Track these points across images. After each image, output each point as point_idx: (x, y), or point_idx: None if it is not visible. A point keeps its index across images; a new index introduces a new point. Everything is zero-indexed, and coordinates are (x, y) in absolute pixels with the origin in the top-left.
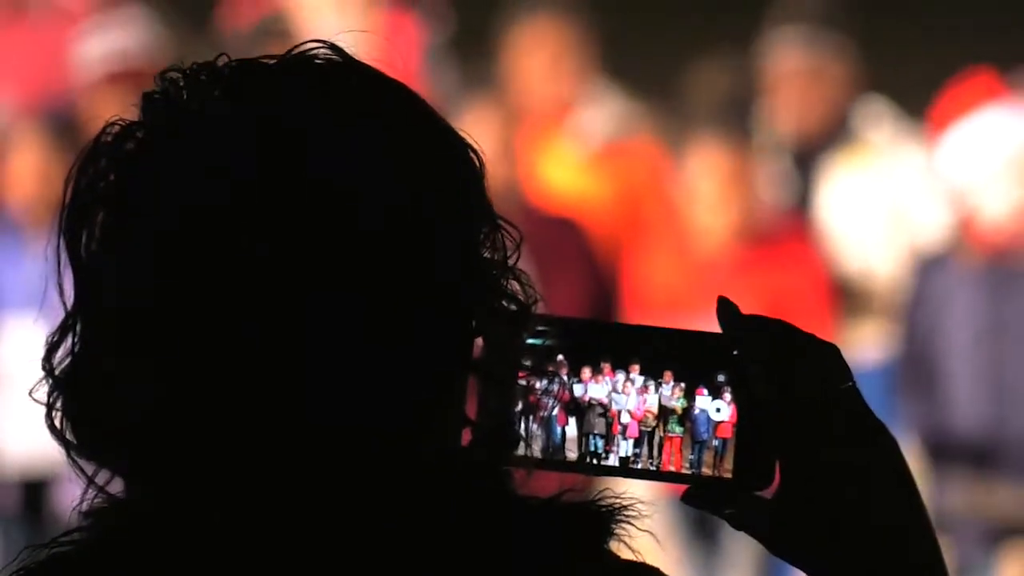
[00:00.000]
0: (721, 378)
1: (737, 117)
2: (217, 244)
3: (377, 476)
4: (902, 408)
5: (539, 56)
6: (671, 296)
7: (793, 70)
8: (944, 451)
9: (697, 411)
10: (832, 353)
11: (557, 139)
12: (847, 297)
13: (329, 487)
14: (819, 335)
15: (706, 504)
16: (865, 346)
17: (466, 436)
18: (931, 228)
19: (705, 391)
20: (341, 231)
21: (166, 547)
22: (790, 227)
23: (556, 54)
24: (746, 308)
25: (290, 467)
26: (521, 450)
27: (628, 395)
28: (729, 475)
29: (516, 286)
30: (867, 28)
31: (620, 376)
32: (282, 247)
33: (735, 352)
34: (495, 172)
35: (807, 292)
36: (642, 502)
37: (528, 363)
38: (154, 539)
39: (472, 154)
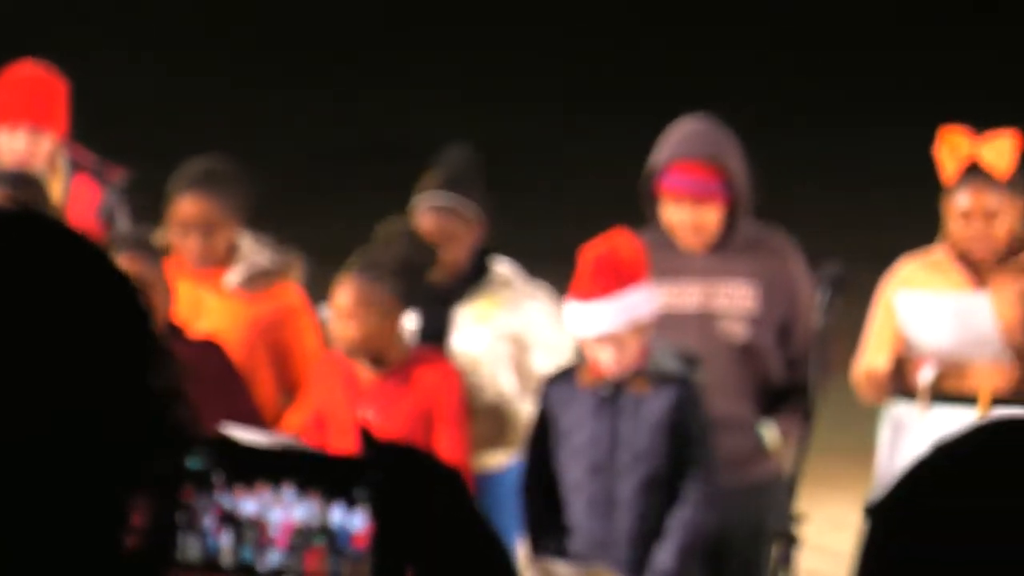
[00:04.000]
0: (359, 495)
1: (382, 264)
2: None
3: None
4: (524, 515)
5: (193, 223)
6: (332, 420)
7: (431, 222)
8: (558, 551)
9: (338, 524)
10: (452, 475)
11: (211, 286)
12: (483, 421)
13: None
14: (455, 455)
15: None
16: (500, 457)
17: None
18: (553, 360)
19: (345, 506)
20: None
21: None
22: (432, 357)
23: (208, 224)
24: (389, 432)
25: None
26: (181, 557)
27: (278, 510)
28: None
29: (182, 411)
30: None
31: (271, 493)
32: None
33: (371, 473)
34: None
35: (448, 417)
36: None
37: (189, 480)
38: None
39: (141, 297)
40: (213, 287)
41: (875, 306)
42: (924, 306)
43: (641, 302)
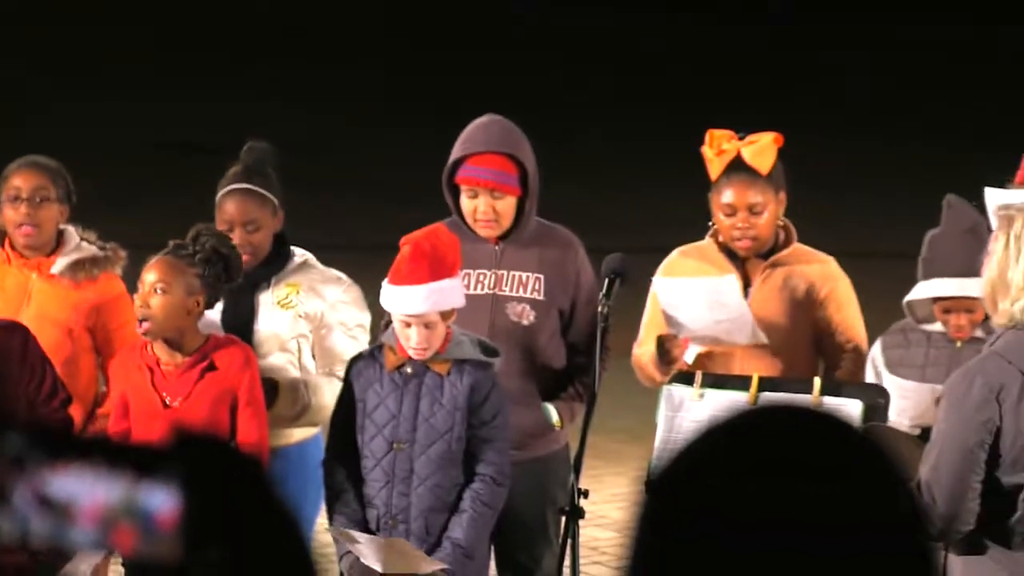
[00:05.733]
0: (167, 478)
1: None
2: None
3: None
4: (326, 488)
5: (25, 196)
6: (135, 406)
7: (234, 206)
8: (357, 521)
9: (145, 506)
10: (254, 461)
11: (39, 273)
12: (287, 399)
13: None
14: (257, 437)
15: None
16: (302, 432)
17: None
18: (352, 341)
19: (152, 489)
20: None
21: None
22: (228, 342)
23: (37, 196)
24: (191, 416)
25: None
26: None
27: (87, 491)
28: (174, 556)
29: None
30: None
31: (81, 474)
32: None
33: (178, 456)
34: None
35: (248, 399)
36: None
37: (1, 462)
38: None
39: None
40: (41, 274)
41: (649, 296)
42: (678, 289)
43: (449, 291)
